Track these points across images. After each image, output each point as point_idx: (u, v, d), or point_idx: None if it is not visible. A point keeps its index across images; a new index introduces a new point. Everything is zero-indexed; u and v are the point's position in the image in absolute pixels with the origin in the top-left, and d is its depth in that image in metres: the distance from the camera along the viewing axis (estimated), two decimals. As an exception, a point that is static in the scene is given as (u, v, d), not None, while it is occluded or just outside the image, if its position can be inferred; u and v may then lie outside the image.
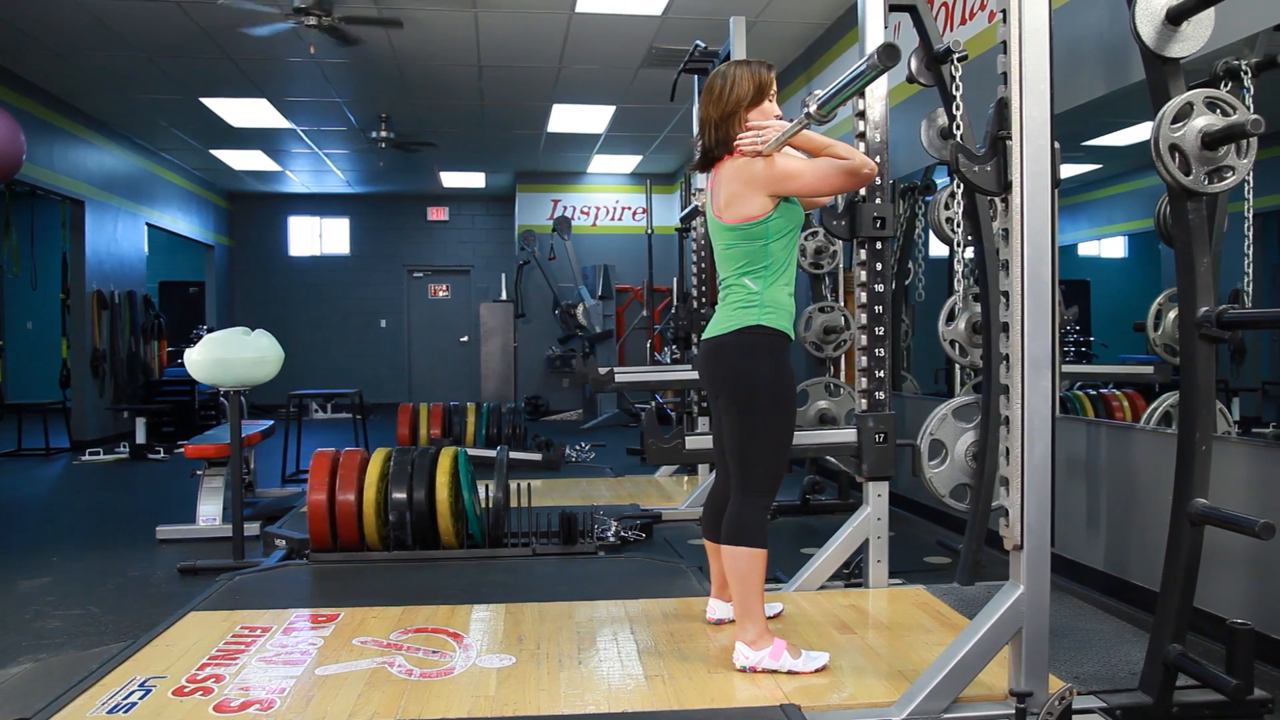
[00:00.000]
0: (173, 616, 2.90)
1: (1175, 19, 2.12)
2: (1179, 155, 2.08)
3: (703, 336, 2.55)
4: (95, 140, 8.80)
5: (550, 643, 2.59)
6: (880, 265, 3.03)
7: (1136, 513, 3.29)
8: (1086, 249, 6.85)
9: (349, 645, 2.59)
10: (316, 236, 13.36)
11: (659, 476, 6.03)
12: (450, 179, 12.07)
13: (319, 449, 3.75)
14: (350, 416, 9.04)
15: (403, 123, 8.90)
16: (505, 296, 12.08)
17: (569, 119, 8.94)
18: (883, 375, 3.05)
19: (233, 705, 2.16)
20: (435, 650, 2.54)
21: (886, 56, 1.92)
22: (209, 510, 4.70)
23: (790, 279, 2.47)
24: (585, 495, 5.26)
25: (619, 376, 4.91)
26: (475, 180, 12.21)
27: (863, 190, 2.97)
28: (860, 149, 2.98)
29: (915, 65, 2.87)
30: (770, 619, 2.61)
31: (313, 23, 5.65)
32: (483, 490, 3.83)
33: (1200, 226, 2.13)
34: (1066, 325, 4.55)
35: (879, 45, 1.93)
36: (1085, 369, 4.80)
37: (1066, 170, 5.12)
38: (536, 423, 10.51)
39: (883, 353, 3.05)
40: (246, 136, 9.48)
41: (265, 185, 12.38)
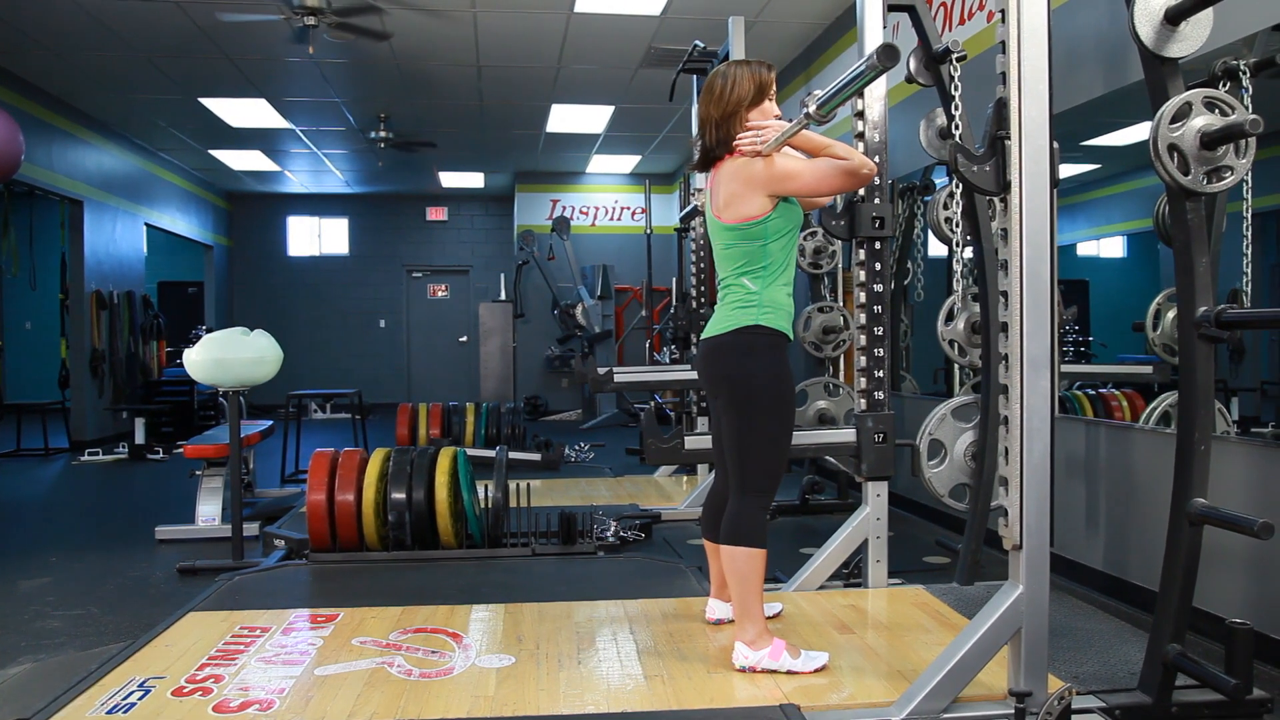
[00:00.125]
0: (172, 617, 2.90)
1: (1174, 19, 2.13)
2: (1178, 155, 2.08)
3: (701, 336, 2.55)
4: (94, 140, 8.79)
5: (549, 643, 2.59)
6: (879, 265, 3.03)
7: (1136, 512, 3.30)
8: (1085, 249, 6.84)
9: (348, 645, 2.59)
10: (315, 237, 13.36)
11: (658, 476, 6.03)
12: (449, 179, 12.06)
13: (318, 449, 3.75)
14: (349, 416, 9.03)
15: (402, 123, 8.90)
16: (504, 296, 12.08)
17: (568, 119, 8.94)
18: (882, 375, 3.05)
19: (232, 705, 2.16)
20: (435, 650, 2.54)
21: (886, 57, 1.92)
22: (208, 510, 4.70)
23: (789, 279, 2.47)
24: (584, 495, 5.27)
25: (618, 376, 4.92)
26: (474, 180, 12.21)
27: (861, 190, 2.97)
28: (859, 149, 2.98)
29: (914, 65, 2.88)
30: (769, 619, 2.61)
31: (312, 22, 5.65)
32: (482, 490, 3.83)
33: (1199, 226, 2.14)
34: (1065, 325, 4.55)
35: (878, 46, 1.93)
36: (1084, 369, 4.79)
37: (1065, 170, 5.12)
38: (536, 423, 10.51)
39: (882, 353, 3.05)
40: (245, 136, 9.48)
41: (264, 185, 12.38)
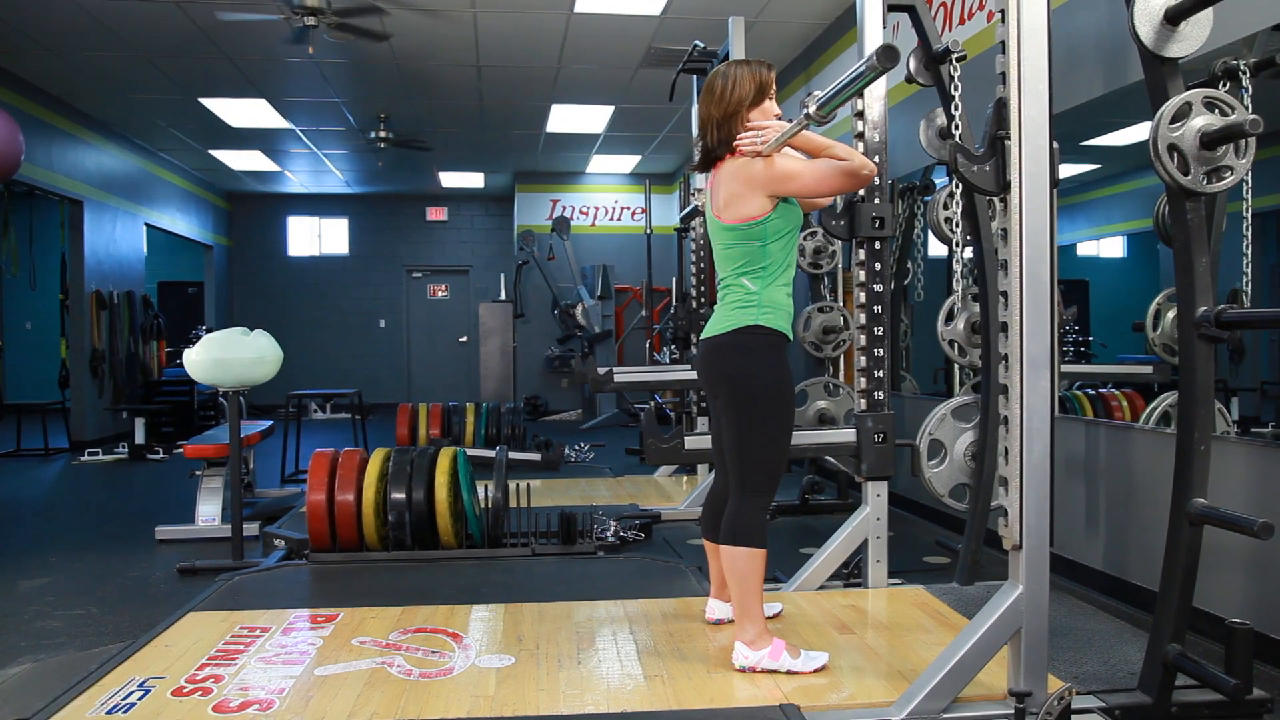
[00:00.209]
0: (172, 617, 2.90)
1: (1174, 19, 2.13)
2: (1177, 155, 2.08)
3: (701, 336, 2.55)
4: (94, 140, 8.79)
5: (549, 643, 2.59)
6: (879, 265, 3.03)
7: (1135, 512, 3.29)
8: (1085, 249, 6.85)
9: (348, 645, 2.59)
10: (315, 237, 13.36)
11: (658, 476, 6.03)
12: (449, 179, 12.06)
13: (318, 449, 3.75)
14: (349, 416, 9.04)
15: (402, 123, 8.90)
16: (504, 297, 12.07)
17: (568, 119, 8.94)
18: (882, 375, 3.05)
19: (232, 705, 2.16)
20: (434, 650, 2.54)
21: (885, 58, 1.91)
22: (208, 510, 4.70)
23: (789, 279, 2.47)
24: (584, 495, 5.27)
25: (618, 376, 4.92)
26: (474, 180, 12.21)
27: (861, 190, 2.97)
28: (859, 149, 2.98)
29: (914, 65, 2.88)
30: (769, 619, 2.61)
31: (312, 22, 5.65)
32: (482, 490, 3.83)
33: (1199, 226, 2.14)
34: (1065, 325, 4.55)
35: (878, 47, 1.93)
36: (1084, 369, 4.80)
37: (1066, 170, 5.12)
38: (536, 423, 10.51)
39: (882, 353, 3.05)
40: (245, 137, 9.48)
41: (264, 185, 12.38)
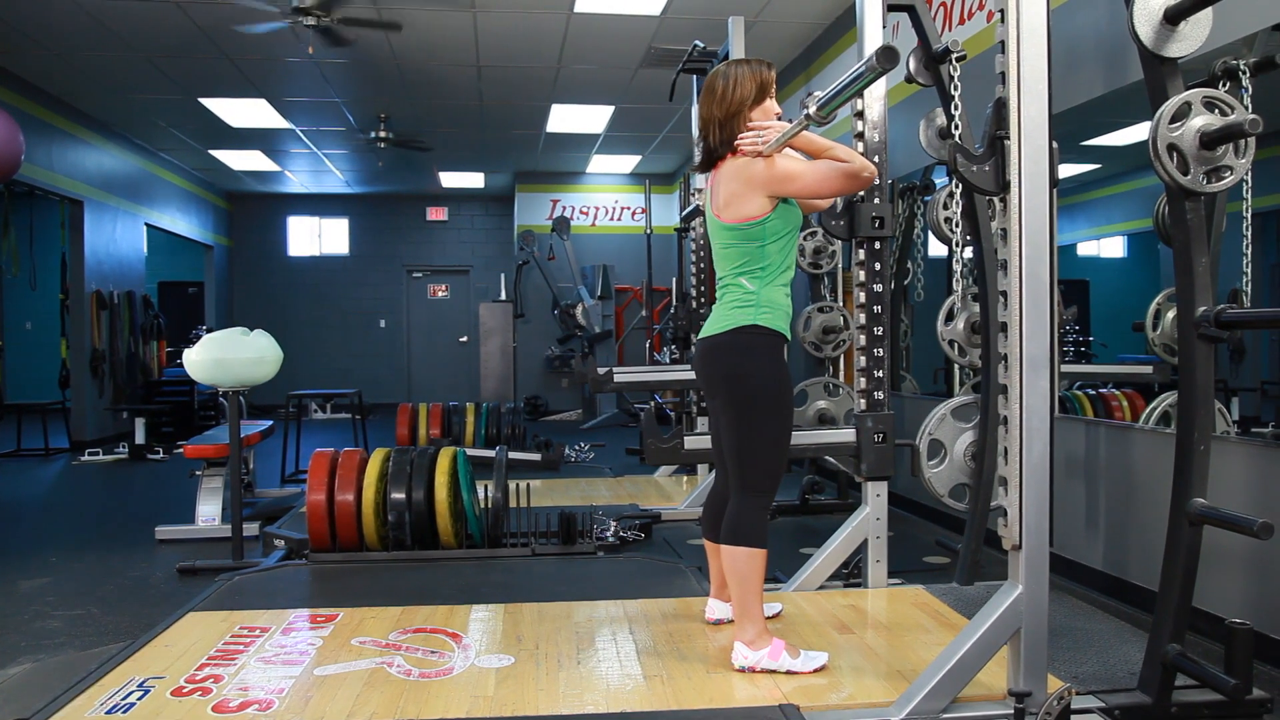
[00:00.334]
0: (171, 617, 2.90)
1: (1173, 19, 2.13)
2: (1177, 155, 2.08)
3: (699, 336, 2.55)
4: (94, 140, 8.79)
5: (549, 643, 2.59)
6: (879, 265, 3.03)
7: (1135, 512, 3.29)
8: (1086, 249, 6.85)
9: (348, 645, 2.59)
10: (315, 237, 13.36)
11: (658, 476, 6.03)
12: (449, 179, 12.06)
13: (318, 449, 3.75)
14: (350, 417, 9.03)
15: (401, 123, 8.90)
16: (504, 297, 12.07)
17: (568, 119, 8.94)
18: (881, 375, 3.05)
19: (231, 705, 2.16)
20: (434, 650, 2.54)
21: (885, 59, 1.91)
22: (208, 510, 4.70)
23: (787, 280, 2.47)
24: (584, 495, 5.27)
25: (618, 376, 4.92)
26: (474, 180, 12.21)
27: (861, 191, 2.97)
28: (859, 149, 2.98)
29: (914, 65, 2.87)
30: (769, 619, 2.61)
31: (311, 23, 5.65)
32: (482, 490, 3.83)
33: (1198, 226, 2.13)
34: (1066, 325, 4.55)
35: (878, 48, 1.93)
36: (1085, 369, 4.79)
37: (1066, 170, 5.12)
38: (536, 423, 10.51)
39: (881, 353, 3.05)
40: (245, 137, 9.48)
41: (264, 185, 12.38)
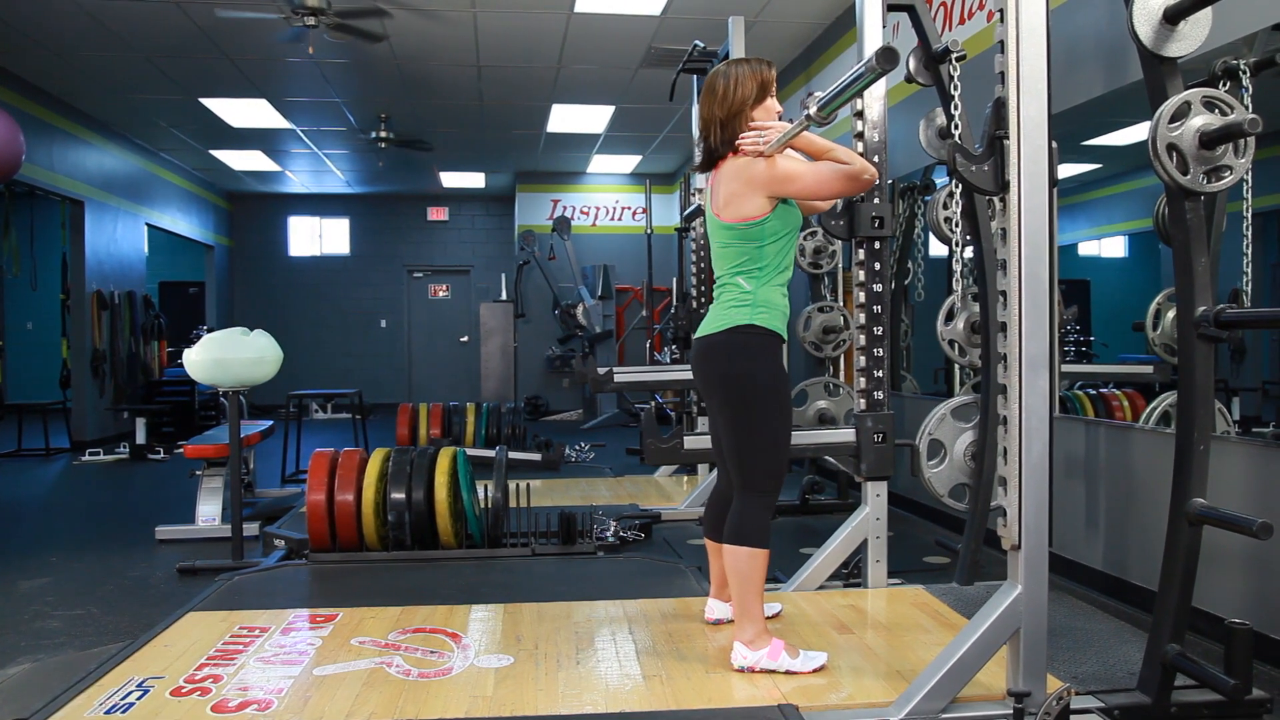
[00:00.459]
0: (171, 617, 2.90)
1: (1172, 18, 2.13)
2: (1176, 155, 2.08)
3: (695, 335, 2.54)
4: (95, 140, 8.80)
5: (548, 643, 2.59)
6: (879, 265, 3.02)
7: (1135, 512, 3.29)
8: (1087, 249, 6.84)
9: (347, 645, 2.59)
10: (316, 237, 13.36)
11: (658, 476, 6.03)
12: (450, 179, 12.06)
13: (318, 449, 3.75)
14: (350, 417, 9.04)
15: (402, 123, 8.90)
16: (505, 296, 12.08)
17: (568, 119, 8.93)
18: (881, 375, 3.05)
19: (230, 705, 2.16)
20: (433, 650, 2.53)
21: (884, 60, 1.91)
22: (208, 510, 4.70)
23: (785, 280, 2.47)
24: (585, 495, 5.26)
25: (618, 376, 4.92)
26: (475, 180, 12.21)
27: (861, 193, 2.96)
28: (858, 148, 2.98)
29: (914, 65, 2.88)
30: (768, 619, 2.61)
31: (311, 22, 5.65)
32: (482, 490, 3.83)
33: (1198, 226, 2.13)
34: (1066, 325, 4.55)
35: (877, 49, 1.92)
36: (1086, 369, 4.79)
37: (1067, 170, 5.12)
38: (536, 423, 10.51)
39: (881, 352, 3.04)
40: (246, 137, 9.48)
41: (265, 185, 12.38)
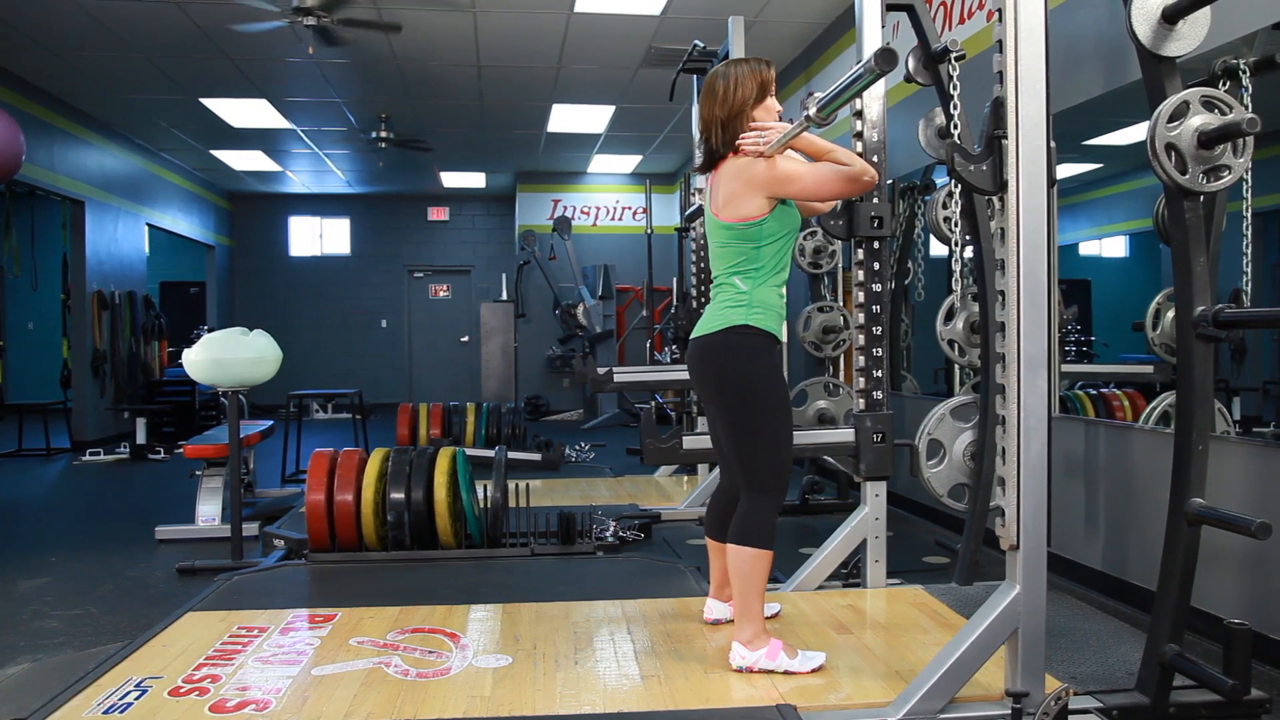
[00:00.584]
0: (170, 617, 2.90)
1: (1171, 18, 2.12)
2: (1175, 154, 2.08)
3: (691, 335, 2.54)
4: (95, 140, 8.80)
5: (547, 643, 2.59)
6: (878, 265, 3.02)
7: (1134, 512, 3.29)
8: (1087, 248, 6.84)
9: (346, 645, 2.58)
10: (317, 237, 13.37)
11: (658, 476, 6.02)
12: (450, 179, 12.07)
13: (318, 449, 3.75)
14: (350, 417, 9.04)
15: (402, 123, 8.90)
16: (506, 296, 12.08)
17: (569, 119, 8.93)
18: (881, 375, 3.05)
19: (229, 705, 2.16)
20: (432, 650, 2.53)
21: (883, 61, 1.90)
22: (208, 510, 4.70)
23: (782, 281, 2.47)
24: (584, 495, 5.26)
25: (618, 376, 4.91)
26: (475, 180, 12.21)
27: (861, 194, 2.96)
28: (858, 148, 2.98)
29: (913, 64, 2.87)
30: (767, 619, 2.61)
31: (312, 23, 5.65)
32: (481, 490, 3.83)
33: (1197, 226, 2.13)
34: (1067, 325, 4.54)
35: (876, 50, 1.91)
36: (1086, 368, 4.79)
37: (1067, 170, 5.11)
38: (536, 423, 10.51)
39: (881, 352, 3.04)
40: (246, 137, 9.49)
41: (265, 185, 12.39)
